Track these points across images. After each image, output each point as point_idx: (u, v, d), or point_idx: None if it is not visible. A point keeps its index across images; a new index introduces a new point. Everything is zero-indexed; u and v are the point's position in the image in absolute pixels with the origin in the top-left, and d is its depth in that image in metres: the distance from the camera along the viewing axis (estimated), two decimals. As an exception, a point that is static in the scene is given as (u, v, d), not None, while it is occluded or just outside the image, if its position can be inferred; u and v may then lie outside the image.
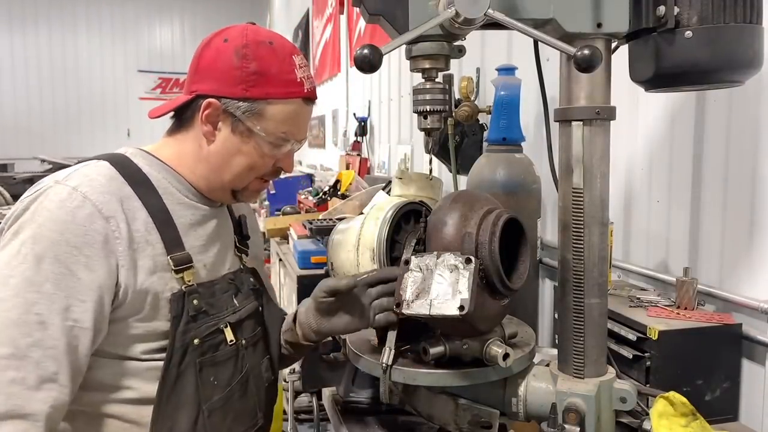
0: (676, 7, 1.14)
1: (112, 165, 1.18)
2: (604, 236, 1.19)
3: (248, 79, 1.17)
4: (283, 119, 1.21)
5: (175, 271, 1.17)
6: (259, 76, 1.18)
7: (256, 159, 1.23)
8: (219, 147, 1.23)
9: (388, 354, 1.16)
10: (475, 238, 1.13)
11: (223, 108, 1.19)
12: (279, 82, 1.19)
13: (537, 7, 1.13)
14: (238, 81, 1.17)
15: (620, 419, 1.22)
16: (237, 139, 1.21)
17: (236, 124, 1.20)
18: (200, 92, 1.20)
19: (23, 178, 7.67)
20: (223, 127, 1.21)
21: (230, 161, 1.23)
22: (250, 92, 1.18)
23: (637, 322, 1.46)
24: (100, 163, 1.18)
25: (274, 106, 1.20)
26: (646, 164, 1.84)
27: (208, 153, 1.23)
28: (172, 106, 1.25)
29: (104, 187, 1.13)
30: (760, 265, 1.47)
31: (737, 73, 1.18)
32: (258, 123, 1.20)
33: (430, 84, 1.15)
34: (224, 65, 1.18)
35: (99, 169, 1.16)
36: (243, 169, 1.24)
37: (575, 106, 1.17)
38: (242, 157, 1.23)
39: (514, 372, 1.19)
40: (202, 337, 1.19)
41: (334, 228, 1.39)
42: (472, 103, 2.17)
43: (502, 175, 1.81)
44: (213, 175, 1.25)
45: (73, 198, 1.09)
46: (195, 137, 1.24)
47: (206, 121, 1.20)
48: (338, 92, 6.43)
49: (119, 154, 1.24)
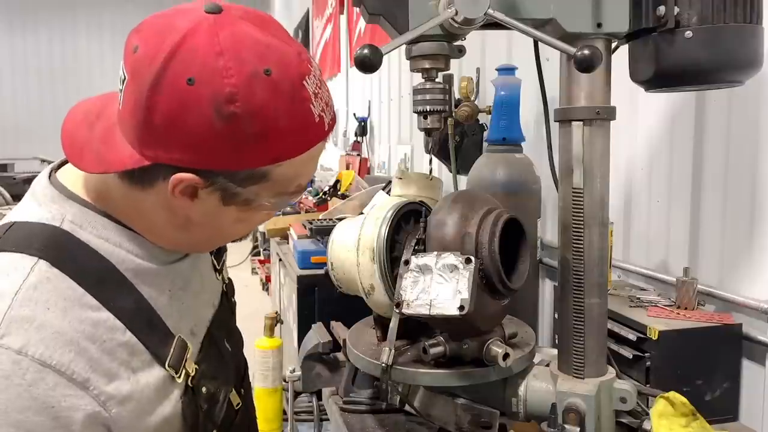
0: (676, 7, 1.14)
1: (54, 264, 0.77)
2: (604, 236, 1.19)
3: (245, 147, 0.75)
4: (296, 174, 0.84)
5: (176, 376, 0.87)
6: (262, 139, 0.76)
7: (259, 221, 0.93)
8: (204, 218, 0.84)
9: (388, 354, 1.16)
10: (475, 238, 1.13)
11: (207, 183, 0.78)
12: (292, 137, 0.78)
13: (537, 7, 1.13)
14: (227, 150, 0.75)
15: (620, 419, 1.22)
16: (232, 210, 0.83)
17: (228, 195, 0.81)
18: (162, 162, 0.76)
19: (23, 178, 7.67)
20: (207, 198, 0.81)
21: (221, 232, 0.90)
22: (249, 163, 0.77)
23: (637, 322, 1.46)
24: (37, 267, 0.76)
25: (286, 166, 0.80)
26: (646, 164, 1.84)
27: (185, 224, 0.85)
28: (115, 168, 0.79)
29: (62, 328, 0.75)
30: (760, 265, 1.47)
31: (737, 73, 1.18)
32: (262, 189, 0.82)
33: (430, 84, 1.15)
34: (200, 128, 0.73)
35: (40, 285, 0.75)
36: (243, 231, 0.92)
37: (575, 106, 1.17)
38: (242, 224, 0.88)
39: (514, 372, 1.19)
40: (219, 423, 0.95)
41: (334, 228, 1.39)
42: (472, 103, 2.16)
43: (502, 175, 1.81)
44: (194, 243, 0.92)
45: (23, 369, 0.71)
46: (159, 203, 0.82)
47: (179, 194, 0.79)
48: (338, 92, 6.43)
49: (53, 230, 0.81)
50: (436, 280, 1.09)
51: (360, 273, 1.25)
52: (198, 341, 0.94)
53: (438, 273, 1.10)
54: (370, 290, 1.24)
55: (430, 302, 1.08)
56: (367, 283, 1.24)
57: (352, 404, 1.47)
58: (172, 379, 0.86)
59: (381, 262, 1.21)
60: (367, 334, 1.36)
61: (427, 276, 1.11)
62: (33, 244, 0.78)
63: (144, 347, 0.83)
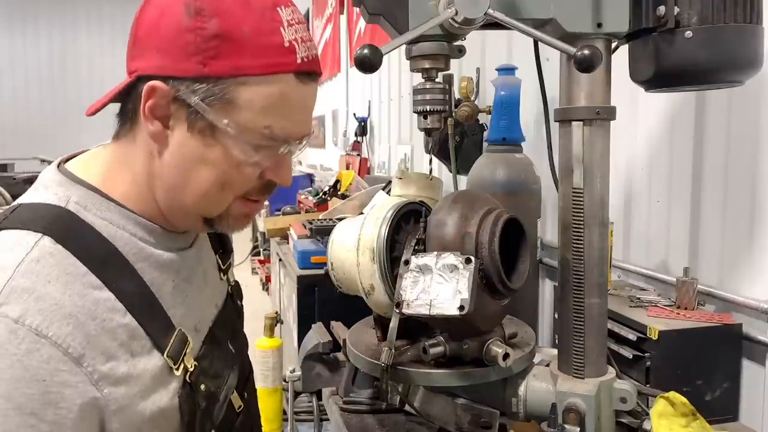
0: (676, 7, 1.14)
1: (59, 241, 0.77)
2: (604, 236, 1.19)
3: (206, 46, 0.77)
4: (264, 107, 0.80)
5: (174, 368, 0.85)
6: (223, 41, 0.77)
7: (228, 170, 0.83)
8: (174, 156, 0.83)
9: (388, 354, 1.16)
10: (475, 238, 1.13)
11: (174, 94, 0.79)
12: (255, 49, 0.78)
13: (537, 7, 1.13)
14: (191, 50, 0.77)
15: (620, 419, 1.22)
16: (197, 141, 0.81)
17: (194, 117, 0.80)
18: (141, 72, 0.80)
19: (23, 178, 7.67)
20: (176, 125, 0.81)
21: (191, 176, 0.84)
22: (210, 67, 0.77)
23: (637, 322, 1.46)
24: (41, 242, 0.76)
25: (250, 88, 0.79)
26: (646, 164, 1.84)
27: (161, 166, 0.84)
28: (110, 95, 0.85)
29: (62, 301, 0.74)
30: (760, 265, 1.47)
31: (737, 73, 1.18)
32: (225, 115, 0.80)
33: (430, 84, 1.15)
34: (171, 27, 0.78)
35: (43, 259, 0.75)
36: (210, 186, 0.84)
37: (575, 106, 1.17)
38: (207, 168, 0.83)
39: (514, 372, 1.19)
40: (218, 423, 0.93)
41: (334, 228, 1.39)
42: (472, 103, 2.16)
43: (502, 175, 1.81)
44: (170, 198, 0.86)
45: (18, 338, 0.71)
46: (143, 143, 0.84)
47: (151, 115, 0.80)
48: (338, 92, 6.43)
49: (59, 210, 0.81)
50: (436, 280, 1.09)
51: (360, 273, 1.25)
52: (200, 338, 0.93)
53: (438, 273, 1.10)
54: (370, 290, 1.24)
55: (430, 302, 1.08)
56: (367, 283, 1.24)
57: (352, 404, 1.47)
58: (171, 370, 0.84)
59: (381, 262, 1.21)
60: (367, 334, 1.36)
61: (427, 276, 1.11)
62: (38, 222, 0.79)
63: (144, 332, 0.82)
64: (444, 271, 1.10)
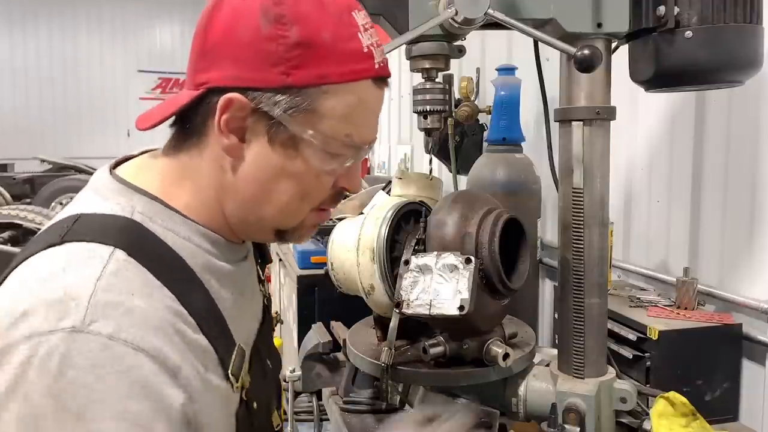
0: (676, 7, 1.14)
1: (130, 254, 0.73)
2: (604, 236, 1.19)
3: (290, 55, 0.74)
4: (345, 114, 0.79)
5: (236, 385, 0.82)
6: (306, 49, 0.74)
7: (310, 180, 0.82)
8: (252, 169, 0.80)
9: (388, 354, 1.16)
10: (475, 238, 1.13)
11: (253, 106, 0.76)
12: (337, 56, 0.76)
13: (537, 7, 1.13)
14: (273, 60, 0.74)
15: (620, 419, 1.22)
16: (277, 154, 0.79)
17: (275, 130, 0.77)
18: (212, 84, 0.77)
19: (23, 178, 7.67)
20: (254, 138, 0.78)
21: (271, 188, 0.81)
22: (294, 77, 0.74)
23: (637, 322, 1.46)
24: (115, 255, 0.72)
25: (333, 96, 0.77)
26: (646, 164, 1.84)
27: (234, 180, 0.81)
28: (172, 110, 0.81)
29: (149, 314, 0.71)
30: (760, 265, 1.47)
31: (737, 73, 1.18)
32: (309, 125, 0.77)
33: (430, 84, 1.15)
34: (247, 35, 0.74)
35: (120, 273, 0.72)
36: (291, 198, 0.82)
37: (575, 106, 1.17)
38: (288, 180, 0.81)
39: (514, 372, 1.19)
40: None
41: (334, 228, 1.39)
42: (472, 103, 2.17)
43: (502, 175, 1.81)
44: (246, 211, 0.83)
45: (117, 355, 0.67)
46: (211, 156, 0.81)
47: (227, 129, 0.77)
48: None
49: (126, 222, 0.78)
50: (436, 280, 1.09)
51: (360, 273, 1.25)
52: (249, 354, 0.88)
53: (438, 273, 1.10)
54: (370, 290, 1.24)
55: (430, 302, 1.08)
56: (367, 283, 1.24)
57: (352, 404, 1.47)
58: (232, 387, 0.81)
59: (381, 262, 1.21)
60: (367, 334, 1.36)
61: (427, 276, 1.11)
62: (107, 234, 0.75)
63: (213, 348, 0.78)
64: (444, 271, 1.10)
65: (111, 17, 12.49)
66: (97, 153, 10.37)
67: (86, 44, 12.47)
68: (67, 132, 12.23)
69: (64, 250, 0.73)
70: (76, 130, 12.32)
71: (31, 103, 12.17)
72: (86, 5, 12.38)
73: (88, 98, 12.47)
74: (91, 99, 12.50)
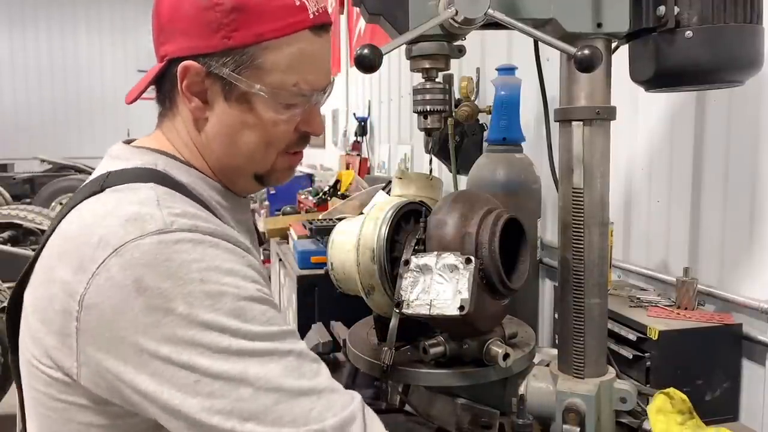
0: (676, 7, 1.14)
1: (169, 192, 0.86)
2: (604, 236, 1.19)
3: (227, 20, 0.85)
4: (289, 65, 0.89)
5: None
6: (241, 12, 0.85)
7: (269, 129, 0.93)
8: (217, 125, 0.92)
9: (388, 354, 1.16)
10: (475, 238, 1.13)
11: (206, 70, 0.88)
12: (270, 13, 0.86)
13: (537, 7, 1.13)
14: (214, 27, 0.85)
15: (620, 419, 1.22)
16: (235, 110, 0.91)
17: (228, 88, 0.89)
18: (171, 55, 0.89)
19: (23, 178, 7.67)
20: (214, 98, 0.91)
21: (236, 141, 0.93)
22: (234, 39, 0.86)
23: (637, 322, 1.46)
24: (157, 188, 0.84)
25: (273, 51, 0.88)
26: (646, 164, 1.84)
27: (207, 137, 0.93)
28: (146, 81, 0.93)
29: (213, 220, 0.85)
30: (760, 265, 1.47)
31: (737, 73, 1.18)
32: (256, 80, 0.88)
33: (430, 84, 1.15)
34: (191, 9, 0.86)
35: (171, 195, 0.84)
36: (256, 146, 0.94)
37: (575, 106, 1.17)
38: (249, 131, 0.92)
39: (514, 372, 1.19)
40: None
41: (334, 228, 1.39)
42: (472, 103, 2.16)
43: (502, 175, 1.81)
44: (222, 164, 0.96)
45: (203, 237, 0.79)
46: (186, 119, 0.94)
47: (189, 93, 0.90)
48: (338, 92, 6.43)
49: (155, 172, 0.89)
50: (436, 280, 1.09)
51: (360, 273, 1.25)
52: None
53: (438, 273, 1.10)
54: (370, 290, 1.24)
55: (430, 302, 1.08)
56: (367, 283, 1.24)
57: (352, 404, 1.46)
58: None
59: (381, 262, 1.21)
60: (367, 334, 1.36)
61: (427, 276, 1.11)
62: (142, 178, 0.85)
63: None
64: (444, 271, 1.10)
65: (111, 17, 12.50)
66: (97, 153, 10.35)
67: (86, 44, 12.48)
68: (67, 132, 12.24)
69: (111, 192, 0.83)
70: (76, 130, 12.33)
71: (31, 103, 12.18)
72: (86, 5, 12.39)
73: (88, 98, 12.48)
74: (91, 99, 12.51)
